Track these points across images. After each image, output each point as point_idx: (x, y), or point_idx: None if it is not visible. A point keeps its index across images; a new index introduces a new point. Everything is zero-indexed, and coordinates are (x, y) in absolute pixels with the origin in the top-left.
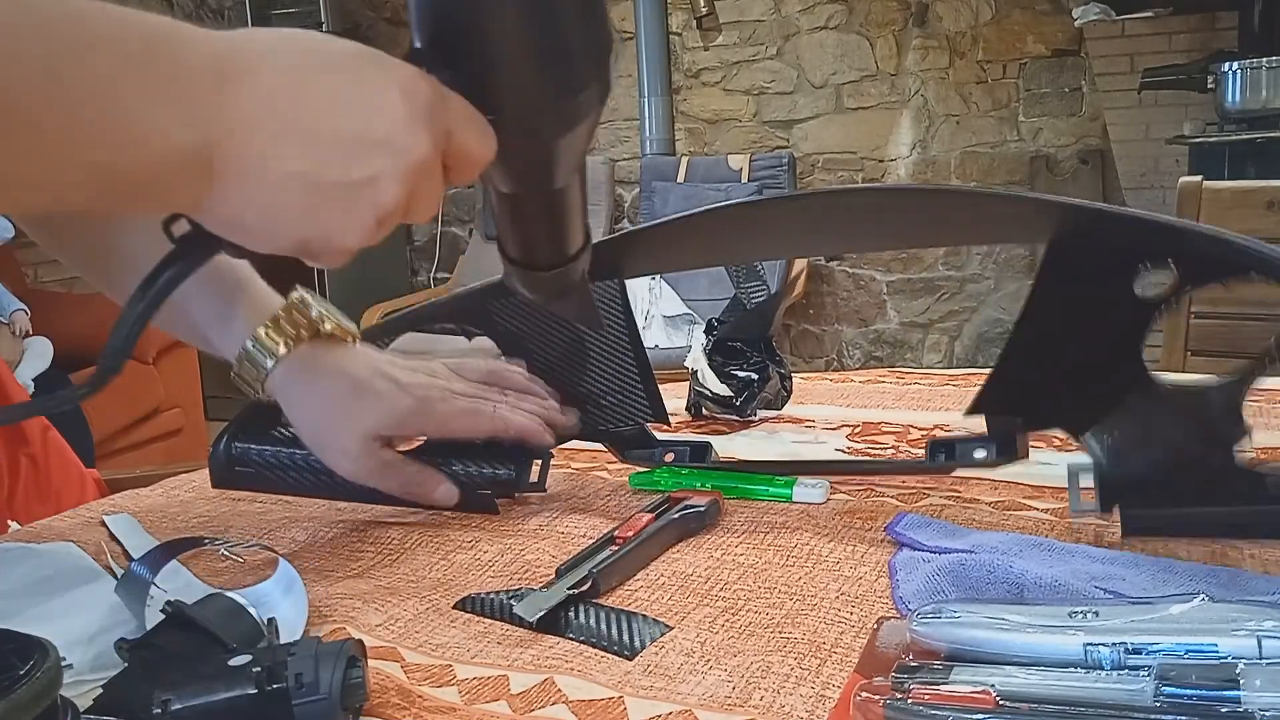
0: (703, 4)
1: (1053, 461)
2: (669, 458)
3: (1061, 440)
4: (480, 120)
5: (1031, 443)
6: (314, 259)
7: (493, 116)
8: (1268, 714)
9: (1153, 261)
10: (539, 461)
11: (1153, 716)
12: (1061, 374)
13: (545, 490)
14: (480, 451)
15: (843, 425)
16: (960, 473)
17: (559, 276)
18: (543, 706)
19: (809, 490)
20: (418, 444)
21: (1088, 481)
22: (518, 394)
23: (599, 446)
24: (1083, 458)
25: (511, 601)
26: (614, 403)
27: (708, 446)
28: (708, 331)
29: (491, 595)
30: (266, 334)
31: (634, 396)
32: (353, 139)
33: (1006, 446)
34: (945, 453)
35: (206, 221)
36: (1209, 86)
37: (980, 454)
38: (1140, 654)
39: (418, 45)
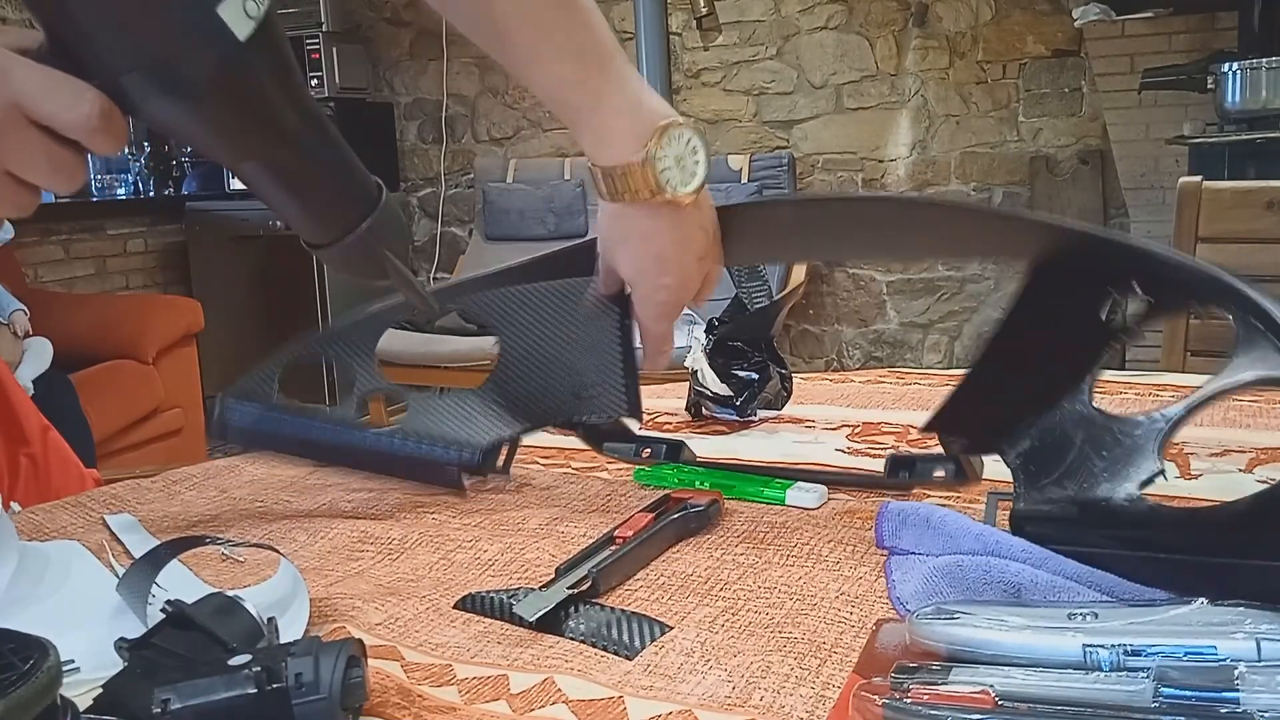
0: (703, 4)
1: None
2: (646, 453)
3: None
4: (65, 87)
5: None
6: None
7: (100, 82)
8: (1266, 716)
9: (1119, 288)
10: (506, 446)
11: (1151, 718)
12: (1009, 398)
13: (509, 475)
14: (448, 433)
15: (843, 425)
16: (990, 472)
17: (345, 250)
18: (543, 706)
19: (803, 494)
20: (396, 423)
21: (1005, 510)
22: None
23: None
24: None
25: (511, 601)
26: (595, 394)
27: (681, 445)
28: (708, 331)
29: (491, 595)
30: (615, 179)
31: (615, 390)
32: None
33: (961, 468)
34: (907, 470)
35: None
36: (1209, 87)
37: (939, 473)
38: (1139, 655)
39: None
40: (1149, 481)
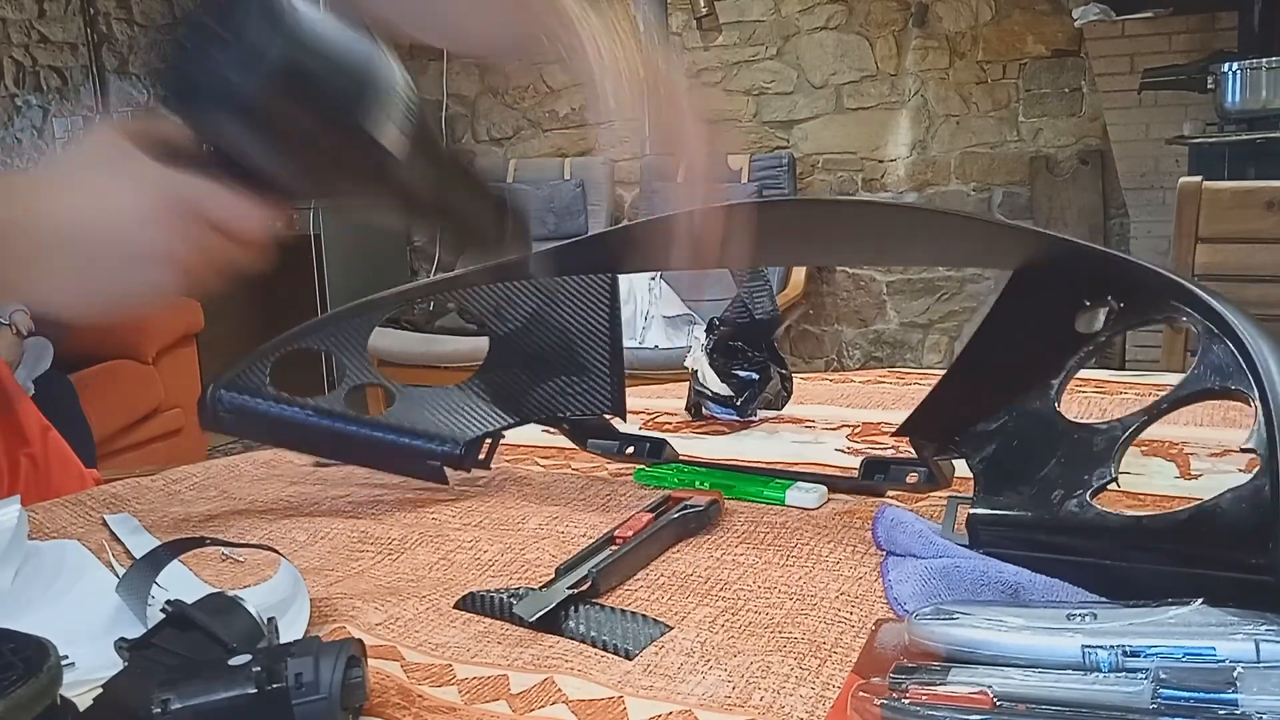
0: (703, 4)
1: None
2: (629, 451)
3: None
4: (239, 206)
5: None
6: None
7: (260, 191)
8: (1265, 717)
9: (1093, 297)
10: (489, 440)
11: (1150, 719)
12: (977, 403)
13: (490, 468)
14: (433, 425)
15: (843, 425)
16: (961, 474)
17: (484, 258)
18: (543, 706)
19: (803, 495)
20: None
21: (963, 515)
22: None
23: None
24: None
25: (511, 601)
26: (580, 390)
27: (664, 443)
28: (708, 331)
29: (491, 595)
30: None
31: (600, 387)
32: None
33: (932, 473)
34: (881, 473)
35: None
36: (1209, 87)
37: (912, 478)
38: (1138, 656)
39: (208, 152)
40: (1100, 489)
